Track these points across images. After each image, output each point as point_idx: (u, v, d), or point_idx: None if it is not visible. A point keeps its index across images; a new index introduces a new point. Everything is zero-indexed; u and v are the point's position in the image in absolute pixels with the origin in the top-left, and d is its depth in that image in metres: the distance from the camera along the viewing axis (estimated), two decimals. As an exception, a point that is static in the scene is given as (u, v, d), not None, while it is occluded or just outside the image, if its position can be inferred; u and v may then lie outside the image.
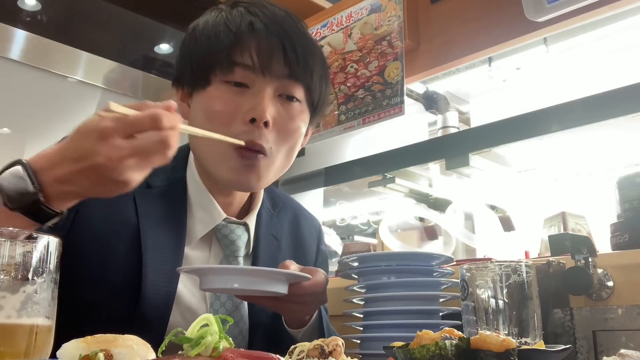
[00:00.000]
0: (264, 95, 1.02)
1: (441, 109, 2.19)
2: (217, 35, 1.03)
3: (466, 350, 0.64)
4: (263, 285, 0.91)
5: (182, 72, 1.10)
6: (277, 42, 1.03)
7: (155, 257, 1.02)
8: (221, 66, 1.03)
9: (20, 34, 1.75)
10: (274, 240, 1.22)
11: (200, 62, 1.05)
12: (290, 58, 1.03)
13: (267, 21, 1.04)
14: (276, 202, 1.29)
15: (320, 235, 1.36)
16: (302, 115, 1.10)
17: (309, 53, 1.07)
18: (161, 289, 1.02)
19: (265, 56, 1.02)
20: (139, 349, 0.55)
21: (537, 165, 1.91)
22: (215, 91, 1.03)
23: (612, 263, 1.16)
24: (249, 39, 1.02)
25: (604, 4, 1.50)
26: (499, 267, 0.84)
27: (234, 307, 1.10)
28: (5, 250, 0.59)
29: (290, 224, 1.29)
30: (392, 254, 1.23)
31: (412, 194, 2.15)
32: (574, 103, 1.54)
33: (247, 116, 1.01)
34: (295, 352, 0.63)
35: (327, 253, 1.38)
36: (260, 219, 1.20)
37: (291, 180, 2.22)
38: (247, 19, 1.04)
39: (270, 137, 1.04)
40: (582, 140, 1.66)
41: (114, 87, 1.92)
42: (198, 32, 1.07)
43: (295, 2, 2.19)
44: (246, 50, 1.02)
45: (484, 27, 1.76)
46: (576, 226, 1.67)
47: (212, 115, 1.03)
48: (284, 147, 1.08)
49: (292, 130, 1.08)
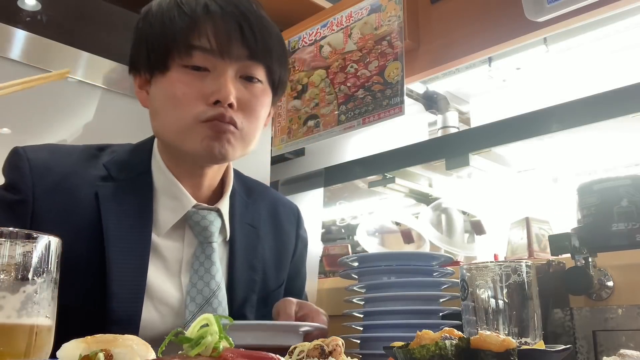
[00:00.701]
0: (226, 78, 1.02)
1: (441, 109, 2.19)
2: (172, 20, 1.02)
3: (466, 350, 0.64)
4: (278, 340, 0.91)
5: (138, 58, 1.08)
6: (234, 23, 1.02)
7: (119, 251, 1.01)
8: (179, 51, 1.01)
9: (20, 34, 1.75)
10: (251, 229, 1.20)
11: (157, 47, 1.03)
12: (249, 39, 1.02)
13: (222, 2, 1.03)
14: (251, 190, 1.28)
15: (299, 220, 1.35)
16: (264, 95, 1.10)
17: (267, 33, 1.06)
18: (128, 283, 1.00)
19: (224, 39, 1.01)
20: (139, 349, 0.55)
21: (537, 165, 1.91)
22: (176, 75, 1.02)
23: (612, 263, 1.16)
24: (205, 22, 1.01)
25: (604, 4, 1.50)
26: (499, 267, 0.84)
27: (211, 293, 1.08)
28: (5, 250, 0.59)
29: (267, 211, 1.28)
30: (392, 254, 1.23)
31: (412, 194, 2.15)
32: (574, 103, 1.54)
33: (211, 99, 1.01)
34: (295, 352, 0.63)
35: (307, 239, 1.37)
36: (233, 206, 1.19)
37: (291, 180, 2.22)
38: (201, 1, 1.02)
39: (237, 116, 1.04)
40: (582, 140, 1.66)
41: (114, 87, 1.92)
42: (152, 16, 1.05)
43: (295, 2, 2.19)
44: (203, 34, 1.01)
45: (483, 27, 1.76)
46: (540, 231, 1.71)
47: (174, 100, 1.02)
48: (252, 125, 1.08)
49: (257, 109, 1.08)
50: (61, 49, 1.84)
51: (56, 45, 1.83)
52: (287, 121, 2.16)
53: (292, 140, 2.12)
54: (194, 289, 1.07)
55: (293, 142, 2.12)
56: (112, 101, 1.91)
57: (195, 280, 1.08)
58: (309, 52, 2.15)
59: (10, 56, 1.70)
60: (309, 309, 1.06)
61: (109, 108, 1.90)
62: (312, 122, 2.05)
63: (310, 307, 1.07)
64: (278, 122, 2.19)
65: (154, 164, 1.12)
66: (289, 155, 2.26)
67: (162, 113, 1.05)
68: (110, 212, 1.03)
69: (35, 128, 1.42)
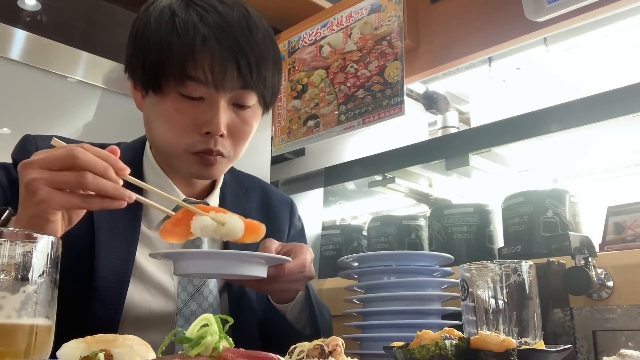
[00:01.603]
0: (218, 109, 1.03)
1: (441, 109, 2.19)
2: (169, 47, 1.01)
3: (466, 350, 0.64)
4: (240, 269, 0.90)
5: (133, 67, 1.09)
6: (231, 56, 1.02)
7: (108, 237, 1.05)
8: (174, 79, 1.02)
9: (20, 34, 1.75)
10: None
11: (153, 69, 1.04)
12: (244, 70, 1.03)
13: (219, 32, 1.02)
14: (242, 182, 1.32)
15: (293, 209, 1.36)
16: (255, 117, 1.12)
17: (262, 60, 1.06)
18: (114, 265, 1.05)
19: (219, 72, 1.01)
20: (139, 349, 0.55)
21: (537, 165, 1.91)
22: (170, 103, 1.04)
23: (612, 263, 1.16)
24: (201, 54, 1.01)
25: (604, 4, 1.50)
26: (499, 267, 0.84)
27: (202, 282, 1.12)
28: (5, 250, 0.59)
29: (259, 200, 1.31)
30: (392, 254, 1.23)
31: (412, 194, 2.15)
32: (574, 103, 1.54)
33: (202, 130, 1.04)
34: (295, 352, 0.63)
35: (302, 228, 1.38)
36: (224, 198, 1.22)
37: (291, 180, 2.22)
38: (199, 31, 1.02)
39: (226, 143, 1.07)
40: (582, 140, 1.66)
41: (114, 87, 1.92)
42: (149, 33, 1.05)
43: (295, 2, 2.19)
44: (199, 66, 1.01)
45: (484, 27, 1.76)
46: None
47: (168, 125, 1.06)
48: (240, 147, 1.12)
49: (246, 133, 1.11)
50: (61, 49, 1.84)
51: (56, 45, 1.83)
52: (287, 121, 2.16)
53: (292, 140, 2.12)
54: (185, 278, 1.10)
55: (293, 142, 2.12)
56: (112, 101, 1.91)
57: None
58: (309, 52, 2.15)
59: (10, 56, 1.70)
60: (293, 245, 1.05)
61: (109, 108, 1.91)
62: (312, 122, 2.05)
63: (294, 244, 1.06)
64: (278, 122, 2.19)
65: (145, 160, 1.16)
66: (289, 155, 2.26)
67: (155, 131, 1.09)
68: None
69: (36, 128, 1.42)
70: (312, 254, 1.06)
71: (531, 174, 1.95)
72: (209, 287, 1.13)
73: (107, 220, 1.06)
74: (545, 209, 1.45)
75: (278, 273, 0.97)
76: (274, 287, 1.03)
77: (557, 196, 1.46)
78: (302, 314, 1.13)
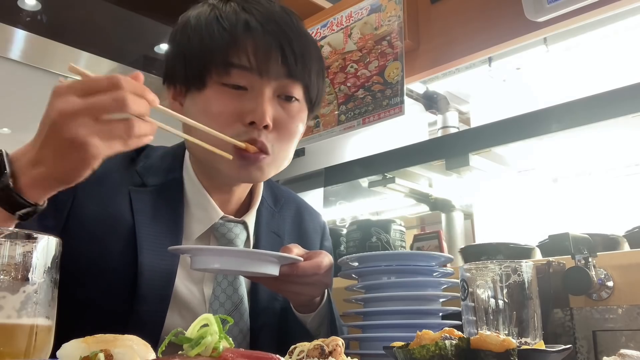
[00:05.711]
0: (263, 98, 1.01)
1: (441, 109, 2.19)
2: (211, 36, 1.00)
3: (466, 350, 0.64)
4: (252, 267, 0.92)
5: (174, 70, 1.07)
6: (274, 41, 1.00)
7: (151, 255, 1.02)
8: (217, 68, 1.00)
9: (20, 34, 1.75)
10: (275, 237, 1.21)
11: (195, 63, 1.02)
12: (289, 58, 1.01)
13: (262, 19, 1.01)
14: (278, 197, 1.29)
15: (325, 231, 1.36)
16: (301, 114, 1.09)
17: (306, 51, 1.05)
18: (157, 287, 1.02)
19: (263, 57, 0.99)
20: (139, 349, 0.55)
21: (537, 165, 1.91)
22: (213, 94, 1.01)
23: (612, 263, 1.16)
24: (245, 39, 0.99)
25: (604, 4, 1.50)
26: (499, 267, 0.84)
27: (234, 306, 1.10)
28: (5, 250, 0.59)
29: (293, 220, 1.29)
30: (392, 254, 1.23)
31: (412, 194, 2.15)
32: (574, 103, 1.54)
33: (246, 119, 1.00)
34: (295, 352, 0.63)
35: (331, 247, 1.38)
36: (260, 216, 1.20)
37: (291, 180, 2.22)
38: (241, 17, 1.00)
39: (270, 137, 1.04)
40: (582, 140, 1.66)
41: (114, 87, 1.92)
42: (190, 30, 1.04)
43: (295, 2, 2.19)
44: (243, 52, 0.99)
45: (484, 27, 1.76)
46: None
47: (210, 117, 1.01)
48: (285, 146, 1.08)
49: (292, 130, 1.08)
50: (61, 49, 1.84)
51: (56, 45, 1.83)
52: (287, 121, 2.16)
53: (292, 140, 2.12)
54: (217, 301, 1.08)
55: (293, 142, 2.11)
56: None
57: (218, 293, 1.09)
58: (309, 52, 2.15)
59: (10, 56, 1.70)
60: (314, 252, 1.03)
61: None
62: (312, 122, 2.05)
63: (315, 251, 1.03)
64: (278, 122, 2.19)
65: (185, 174, 1.13)
66: (289, 155, 2.26)
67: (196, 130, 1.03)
68: (144, 217, 1.04)
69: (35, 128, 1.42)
70: (331, 261, 1.04)
71: (531, 174, 1.95)
72: (239, 311, 1.10)
73: (149, 236, 1.03)
74: (371, 235, 1.79)
75: (291, 272, 0.96)
76: (289, 288, 1.02)
77: (383, 225, 1.80)
78: (322, 327, 1.12)
